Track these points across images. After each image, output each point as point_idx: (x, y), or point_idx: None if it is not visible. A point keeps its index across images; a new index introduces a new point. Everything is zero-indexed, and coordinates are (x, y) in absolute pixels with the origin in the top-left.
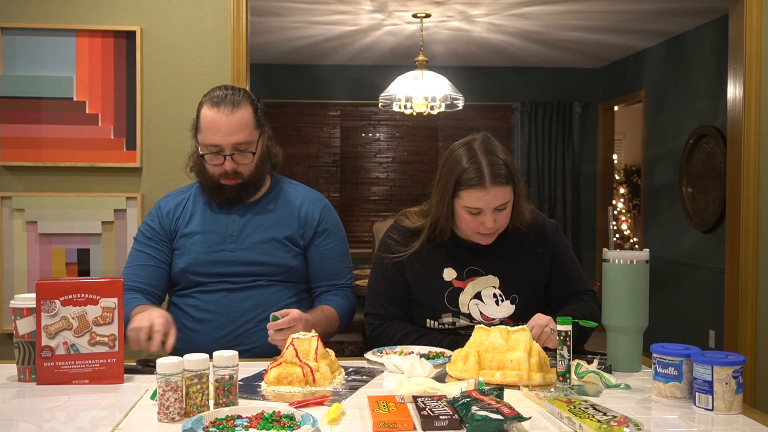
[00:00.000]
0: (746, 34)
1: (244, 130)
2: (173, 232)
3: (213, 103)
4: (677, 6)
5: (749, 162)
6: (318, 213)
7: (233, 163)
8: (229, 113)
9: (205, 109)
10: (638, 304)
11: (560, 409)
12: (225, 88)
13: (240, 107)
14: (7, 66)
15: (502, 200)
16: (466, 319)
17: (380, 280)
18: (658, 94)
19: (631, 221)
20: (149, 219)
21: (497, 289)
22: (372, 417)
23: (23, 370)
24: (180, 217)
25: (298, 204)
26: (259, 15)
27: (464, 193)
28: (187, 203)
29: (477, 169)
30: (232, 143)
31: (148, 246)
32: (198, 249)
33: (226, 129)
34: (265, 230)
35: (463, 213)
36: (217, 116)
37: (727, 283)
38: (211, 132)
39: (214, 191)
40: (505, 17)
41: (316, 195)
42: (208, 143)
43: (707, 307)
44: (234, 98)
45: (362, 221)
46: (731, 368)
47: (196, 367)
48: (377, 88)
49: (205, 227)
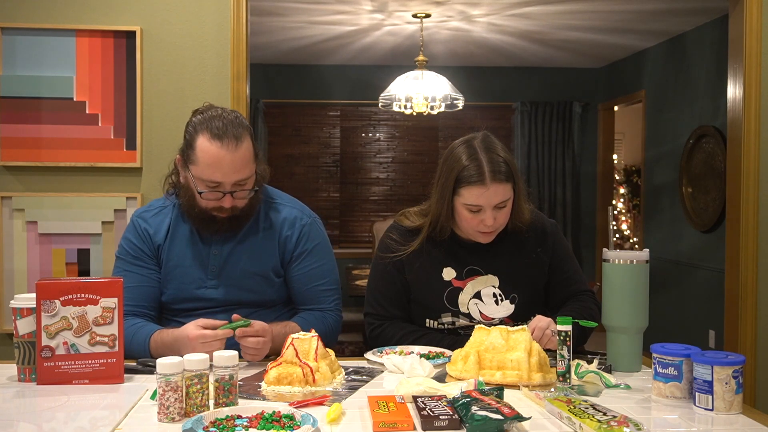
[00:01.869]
0: (746, 34)
1: (247, 166)
2: (156, 254)
3: (214, 135)
4: (677, 6)
5: (749, 162)
6: (296, 236)
7: (232, 200)
8: (233, 150)
9: (205, 142)
10: (638, 304)
11: (560, 409)
12: (222, 118)
13: (242, 141)
14: (7, 66)
15: (502, 198)
16: (466, 319)
17: (379, 281)
18: (658, 94)
19: (631, 221)
20: (131, 236)
21: (497, 288)
22: (372, 417)
23: (23, 370)
24: (161, 245)
25: (278, 228)
26: (259, 15)
27: (464, 191)
28: (168, 229)
29: (477, 166)
30: (234, 181)
31: (135, 265)
32: (177, 284)
33: (230, 167)
34: (247, 263)
35: (463, 211)
36: (220, 153)
37: (727, 283)
38: (211, 169)
39: (203, 223)
40: (505, 17)
41: (297, 214)
42: (208, 179)
43: (707, 307)
44: (236, 131)
45: (362, 221)
46: (731, 368)
47: (196, 367)
48: (377, 88)
49: (185, 260)
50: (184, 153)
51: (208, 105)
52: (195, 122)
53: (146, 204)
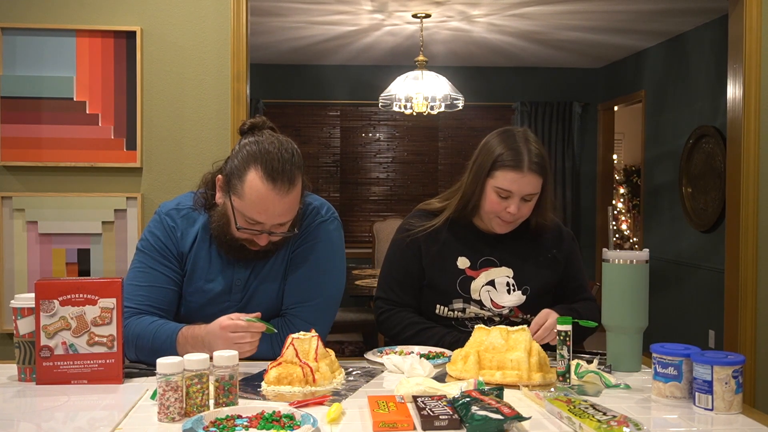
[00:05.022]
0: (746, 34)
1: (293, 209)
2: (181, 258)
3: (268, 175)
4: (677, 6)
5: (749, 162)
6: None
7: (269, 238)
8: (285, 194)
9: (256, 180)
10: (638, 304)
11: (560, 409)
12: (279, 153)
13: (295, 184)
14: (8, 66)
15: (533, 189)
16: (477, 306)
17: (394, 263)
18: (657, 94)
19: (631, 221)
20: (158, 231)
21: (511, 278)
22: (372, 417)
23: (24, 370)
24: (186, 253)
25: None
26: (259, 15)
27: (500, 173)
28: (196, 237)
29: (517, 153)
30: (277, 223)
31: (158, 262)
32: (199, 301)
33: (278, 211)
34: (272, 281)
35: (492, 194)
36: (270, 195)
37: (727, 283)
38: (257, 209)
39: (231, 250)
40: (505, 17)
41: (313, 210)
42: (250, 217)
43: (707, 307)
44: (291, 172)
45: (362, 221)
46: (731, 368)
47: (196, 366)
48: (377, 88)
49: (208, 277)
50: (229, 179)
51: (260, 121)
52: (249, 151)
53: (173, 200)
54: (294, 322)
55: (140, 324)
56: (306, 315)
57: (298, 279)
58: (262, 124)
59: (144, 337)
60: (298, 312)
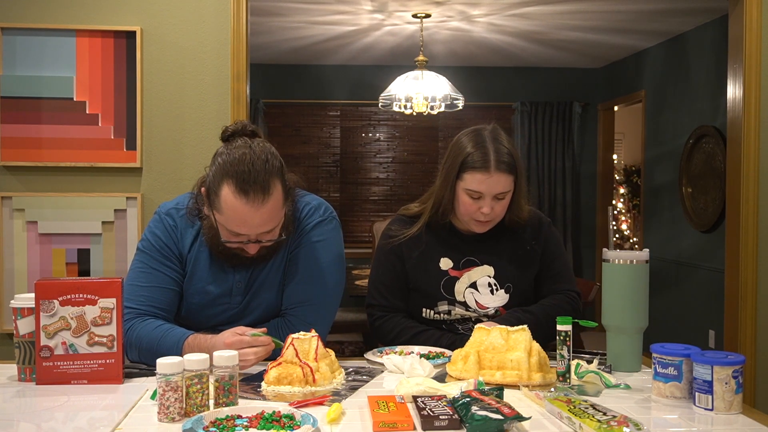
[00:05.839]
0: (746, 34)
1: (275, 216)
2: (181, 259)
3: (240, 189)
4: (677, 6)
5: (749, 162)
6: (298, 234)
7: (258, 246)
8: (260, 205)
9: (229, 195)
10: (638, 304)
11: (560, 409)
12: (251, 161)
13: (271, 192)
14: (8, 66)
15: (503, 188)
16: (462, 308)
17: (381, 270)
18: (658, 94)
19: (631, 221)
20: (159, 231)
21: (492, 278)
22: (372, 417)
23: (24, 370)
24: (186, 254)
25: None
26: (259, 15)
27: (468, 176)
28: (196, 238)
29: (483, 153)
30: (260, 233)
31: (160, 263)
32: (200, 302)
33: (257, 222)
34: (272, 282)
35: (464, 196)
36: (245, 208)
37: (727, 283)
38: (236, 223)
39: (227, 258)
40: (505, 17)
41: (311, 210)
42: (231, 230)
43: (707, 307)
44: (265, 181)
45: (362, 221)
46: (731, 368)
47: (196, 367)
48: (377, 88)
49: (208, 280)
50: (209, 192)
51: (239, 127)
52: (220, 163)
53: (172, 200)
54: (294, 322)
55: (145, 328)
56: (306, 315)
57: (297, 279)
58: (242, 129)
59: (149, 342)
60: (298, 312)
